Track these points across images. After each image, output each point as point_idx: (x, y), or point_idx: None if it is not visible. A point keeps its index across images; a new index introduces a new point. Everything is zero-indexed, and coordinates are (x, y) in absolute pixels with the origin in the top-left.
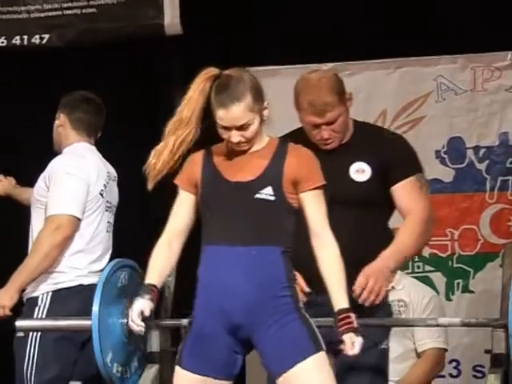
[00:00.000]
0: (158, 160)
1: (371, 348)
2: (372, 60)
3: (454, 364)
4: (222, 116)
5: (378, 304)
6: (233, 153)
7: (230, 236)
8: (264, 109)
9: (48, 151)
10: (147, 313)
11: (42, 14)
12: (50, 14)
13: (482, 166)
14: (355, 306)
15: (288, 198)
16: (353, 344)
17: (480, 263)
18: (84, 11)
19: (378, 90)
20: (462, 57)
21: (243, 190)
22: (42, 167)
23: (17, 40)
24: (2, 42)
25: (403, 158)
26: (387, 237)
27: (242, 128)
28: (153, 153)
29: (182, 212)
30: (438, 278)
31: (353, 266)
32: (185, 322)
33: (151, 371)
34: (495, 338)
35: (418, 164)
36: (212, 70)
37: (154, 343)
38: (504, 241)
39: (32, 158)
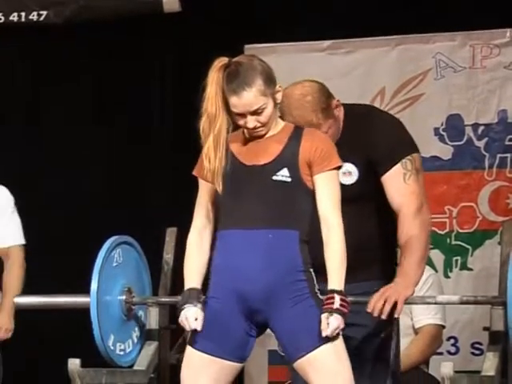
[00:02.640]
0: (211, 163)
1: (373, 336)
2: (370, 37)
3: (452, 341)
4: (236, 103)
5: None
6: (249, 139)
7: (246, 220)
8: (276, 92)
9: None
10: (200, 321)
11: None
12: None
13: (481, 144)
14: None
15: (304, 180)
16: (327, 324)
17: (478, 240)
18: None
19: (376, 67)
20: (460, 34)
21: (260, 172)
22: None
23: (14, 17)
24: (0, 19)
25: (387, 149)
26: (389, 227)
27: (256, 113)
28: (204, 159)
29: (205, 202)
30: (437, 256)
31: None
32: None
33: (150, 348)
34: (494, 315)
35: (403, 149)
36: (222, 60)
37: (153, 320)
38: (502, 218)
39: None
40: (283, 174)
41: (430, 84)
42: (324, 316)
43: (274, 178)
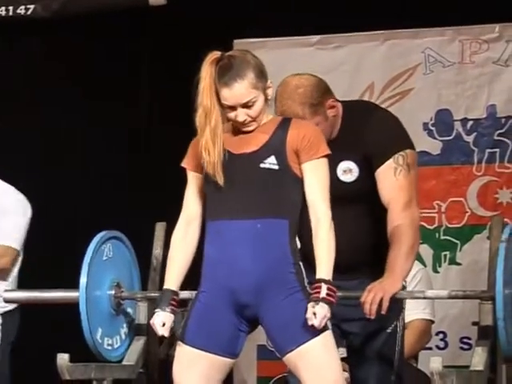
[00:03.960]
0: (210, 153)
1: (377, 333)
2: (358, 32)
3: (440, 336)
4: (227, 95)
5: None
6: (237, 130)
7: (234, 209)
8: (267, 87)
9: None
10: (168, 325)
11: None
12: None
13: (470, 139)
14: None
15: (292, 168)
16: (314, 314)
17: (467, 235)
18: None
19: (365, 62)
20: (449, 29)
21: (247, 160)
22: None
23: (2, 11)
24: None
25: (381, 144)
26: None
27: (246, 106)
28: (203, 152)
29: (193, 194)
30: (425, 251)
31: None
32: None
33: (139, 343)
34: (482, 310)
35: (397, 143)
36: (215, 54)
37: (142, 315)
38: (491, 213)
39: None
40: (271, 162)
41: (419, 79)
42: (310, 305)
43: (262, 165)
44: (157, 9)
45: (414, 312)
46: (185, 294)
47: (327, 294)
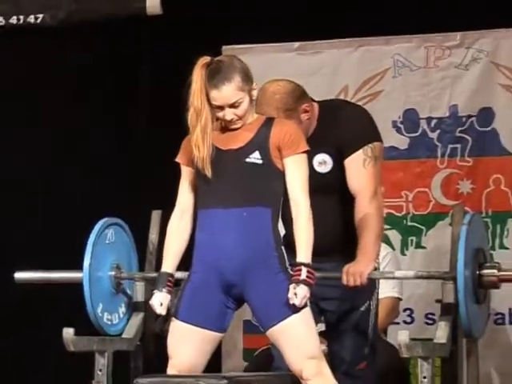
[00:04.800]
0: (199, 149)
1: (353, 310)
2: (335, 39)
3: (407, 312)
4: (216, 96)
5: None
6: (225, 128)
7: (223, 199)
8: (252, 89)
9: None
10: (165, 305)
11: None
12: None
13: (434, 135)
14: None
15: (275, 162)
16: (295, 294)
17: (431, 222)
18: None
19: (340, 66)
20: (416, 37)
21: (234, 156)
22: None
23: (13, 19)
24: (1, 22)
25: (352, 136)
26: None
27: (233, 106)
28: (194, 148)
29: (187, 187)
30: (394, 236)
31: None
32: None
33: (137, 319)
34: (445, 289)
35: (366, 135)
36: (205, 59)
37: (140, 294)
38: (453, 202)
39: None
40: (255, 157)
41: (389, 82)
42: (292, 286)
43: (247, 160)
44: (153, 18)
45: (383, 290)
46: (178, 274)
47: (307, 276)
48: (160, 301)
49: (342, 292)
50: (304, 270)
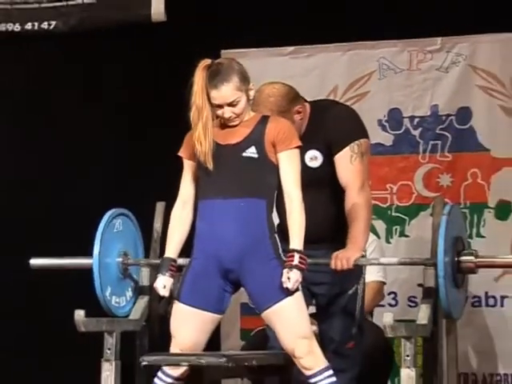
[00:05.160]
0: (201, 144)
1: (341, 294)
2: (325, 44)
3: (392, 296)
4: (215, 96)
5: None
6: (224, 125)
7: (222, 190)
8: (249, 89)
9: None
10: (168, 287)
11: (50, 4)
12: (57, 4)
13: (416, 133)
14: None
15: (270, 157)
16: (288, 278)
17: (414, 212)
18: (85, 1)
19: (330, 69)
20: (400, 42)
21: (232, 150)
22: None
23: (29, 26)
24: (17, 28)
25: (340, 134)
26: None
27: (231, 104)
28: (196, 143)
29: (188, 180)
30: (380, 225)
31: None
32: None
33: (142, 301)
34: (426, 274)
35: (354, 133)
36: (206, 61)
37: (145, 278)
38: (434, 194)
39: None
40: (251, 151)
41: (375, 83)
42: (285, 271)
43: (244, 154)
44: (157, 24)
45: (369, 275)
46: (180, 261)
47: (299, 262)
48: (163, 283)
49: (331, 277)
50: (296, 255)
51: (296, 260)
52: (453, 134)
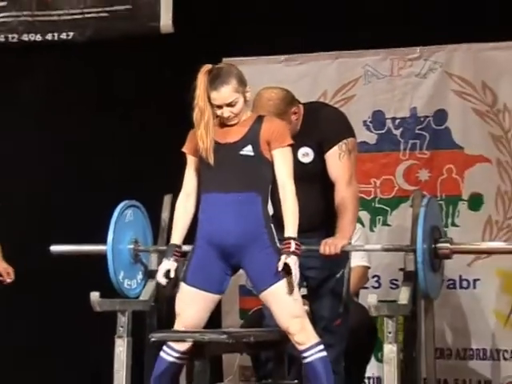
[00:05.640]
0: (204, 142)
1: (330, 277)
2: (316, 53)
3: (375, 279)
4: (215, 97)
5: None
6: (223, 124)
7: (222, 184)
8: (246, 92)
9: None
10: (172, 272)
11: (69, 17)
12: (75, 16)
13: (398, 132)
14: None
15: (265, 154)
16: (284, 263)
17: (395, 204)
18: (100, 15)
19: (320, 75)
20: (383, 51)
21: (231, 149)
22: None
23: (49, 36)
24: (39, 38)
25: (329, 134)
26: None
27: (230, 105)
28: (199, 141)
29: (191, 174)
30: (364, 215)
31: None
32: None
33: (151, 284)
34: (407, 259)
35: (342, 133)
36: (207, 66)
37: (154, 263)
38: (413, 188)
39: None
40: (248, 150)
41: (360, 88)
42: (283, 257)
43: (241, 152)
44: (165, 35)
45: (355, 260)
46: (184, 248)
47: (295, 248)
48: (167, 267)
49: (321, 262)
50: (293, 243)
51: (292, 246)
52: (430, 134)
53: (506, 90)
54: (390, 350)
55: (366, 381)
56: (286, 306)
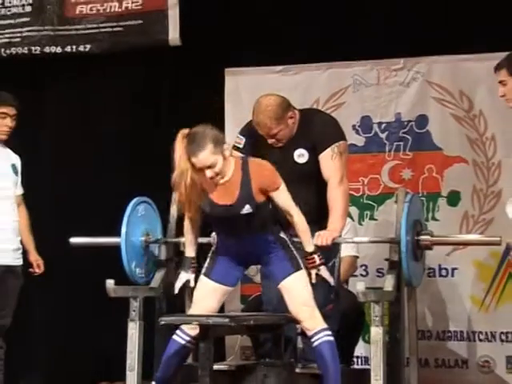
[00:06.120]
0: (188, 211)
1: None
2: (309, 64)
3: (363, 267)
4: (194, 161)
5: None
6: (214, 184)
7: (233, 234)
8: (224, 150)
9: None
10: (192, 282)
11: (86, 31)
12: (91, 31)
13: (383, 135)
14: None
15: (260, 203)
16: (316, 275)
17: (381, 200)
18: (114, 29)
19: (313, 83)
20: (370, 62)
21: (230, 209)
22: None
23: (68, 48)
24: (59, 50)
25: (323, 138)
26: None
27: (210, 167)
28: (178, 198)
29: (190, 216)
30: (353, 210)
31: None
32: (183, 240)
33: (160, 273)
34: (391, 250)
35: (334, 136)
36: (183, 131)
37: (163, 254)
38: (397, 185)
39: None
40: (247, 209)
41: (349, 95)
42: (313, 272)
43: (242, 212)
44: (173, 47)
45: (345, 251)
46: (200, 240)
47: (319, 260)
48: (186, 278)
49: None
50: (316, 257)
51: (317, 260)
52: (413, 137)
53: (481, 97)
54: (376, 332)
55: (355, 359)
56: (299, 295)
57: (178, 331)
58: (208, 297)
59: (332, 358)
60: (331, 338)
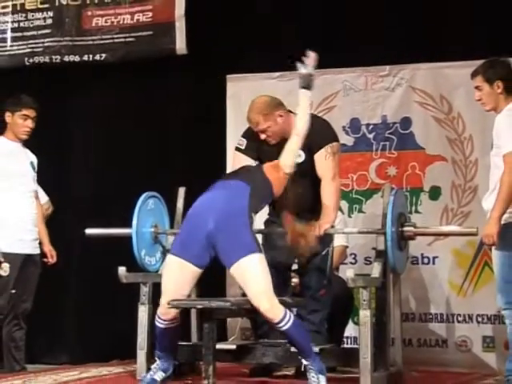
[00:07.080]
0: None
1: (316, 254)
2: None
3: (352, 256)
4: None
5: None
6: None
7: (226, 176)
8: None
9: None
10: None
11: (101, 42)
12: (106, 41)
13: (371, 136)
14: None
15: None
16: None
17: (369, 195)
18: (127, 40)
19: None
20: (359, 69)
21: None
22: None
23: (85, 57)
24: (77, 59)
25: (317, 139)
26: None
27: None
28: None
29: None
30: (343, 204)
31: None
32: None
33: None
34: (378, 240)
35: (328, 138)
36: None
37: (170, 244)
38: (383, 181)
39: None
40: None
41: (340, 99)
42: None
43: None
44: (180, 55)
45: (336, 241)
46: None
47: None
48: None
49: None
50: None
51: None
52: (397, 137)
53: (459, 101)
54: (364, 314)
55: (345, 340)
56: (254, 281)
57: (156, 317)
58: (172, 276)
59: (300, 337)
60: (292, 320)
